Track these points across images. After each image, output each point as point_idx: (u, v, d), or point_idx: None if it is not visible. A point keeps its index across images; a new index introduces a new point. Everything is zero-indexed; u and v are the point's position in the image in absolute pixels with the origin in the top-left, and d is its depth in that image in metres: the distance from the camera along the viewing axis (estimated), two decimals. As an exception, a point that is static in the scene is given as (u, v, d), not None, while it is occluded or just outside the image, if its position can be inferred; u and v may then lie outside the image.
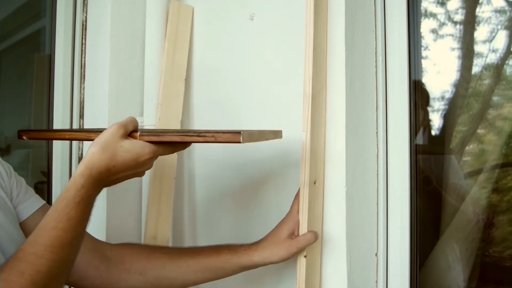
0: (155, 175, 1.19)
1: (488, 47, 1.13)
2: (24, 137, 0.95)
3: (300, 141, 0.96)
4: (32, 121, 1.81)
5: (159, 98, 1.24)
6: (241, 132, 0.71)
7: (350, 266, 0.98)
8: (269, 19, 1.15)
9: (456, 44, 1.19)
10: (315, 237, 0.94)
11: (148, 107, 1.32)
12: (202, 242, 1.28)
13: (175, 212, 1.28)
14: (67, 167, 1.50)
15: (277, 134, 0.91)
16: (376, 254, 1.04)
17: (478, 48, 1.15)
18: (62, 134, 0.97)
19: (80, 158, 1.40)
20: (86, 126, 1.38)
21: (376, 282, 1.04)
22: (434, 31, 1.19)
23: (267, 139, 0.87)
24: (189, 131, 0.82)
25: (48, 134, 1.07)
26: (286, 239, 0.95)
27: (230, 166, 1.22)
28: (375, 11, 1.08)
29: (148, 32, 1.32)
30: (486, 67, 1.14)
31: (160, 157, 1.11)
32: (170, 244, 1.25)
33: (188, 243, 1.30)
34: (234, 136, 0.71)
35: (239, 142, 0.72)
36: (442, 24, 1.19)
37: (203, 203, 1.29)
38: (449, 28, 1.19)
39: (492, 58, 1.13)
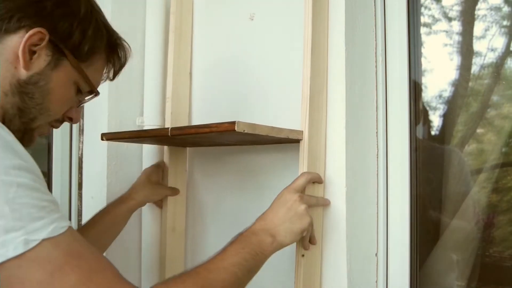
0: (170, 169, 1.23)
1: (487, 46, 1.13)
2: (104, 138, 1.12)
3: (299, 141, 0.96)
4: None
5: (169, 92, 1.24)
6: (236, 122, 0.85)
7: (350, 266, 0.98)
8: (269, 19, 1.15)
9: (455, 44, 1.19)
10: (178, 191, 1.24)
11: (148, 107, 1.32)
12: (209, 237, 1.28)
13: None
14: (67, 167, 1.50)
15: (297, 134, 0.96)
16: (376, 254, 1.05)
17: (477, 47, 1.15)
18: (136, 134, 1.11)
19: (80, 159, 1.40)
20: (86, 126, 1.38)
21: (376, 282, 1.04)
22: (434, 31, 1.19)
23: (288, 137, 0.94)
24: (200, 125, 0.95)
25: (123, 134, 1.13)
26: (156, 184, 1.21)
27: (230, 165, 1.22)
28: (375, 11, 1.08)
29: (148, 32, 1.32)
30: (486, 67, 1.14)
31: (172, 152, 1.24)
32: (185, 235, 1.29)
33: (199, 235, 1.30)
34: (230, 125, 0.85)
35: (234, 130, 0.85)
36: (441, 24, 1.19)
37: (204, 201, 1.29)
38: (449, 28, 1.19)
39: (492, 57, 1.13)
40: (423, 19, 1.14)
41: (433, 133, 1.20)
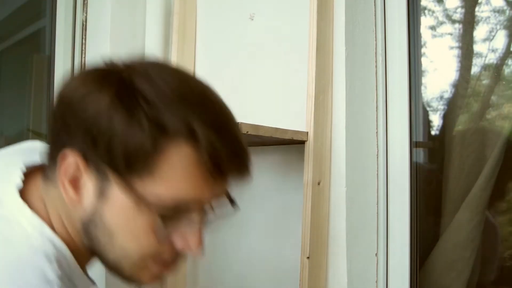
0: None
1: (488, 46, 1.13)
2: None
3: (304, 142, 0.96)
4: (31, 122, 1.81)
5: None
6: (239, 123, 0.80)
7: (350, 266, 0.97)
8: (269, 19, 1.15)
9: (455, 44, 1.20)
10: None
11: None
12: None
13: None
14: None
15: (302, 135, 0.95)
16: (376, 254, 1.04)
17: (477, 47, 1.15)
18: None
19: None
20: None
21: (376, 282, 1.04)
22: (434, 31, 1.19)
23: (292, 138, 0.93)
24: None
25: None
26: None
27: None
28: (375, 11, 1.08)
29: (148, 32, 1.32)
30: (486, 67, 1.14)
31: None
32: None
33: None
34: None
35: None
36: (441, 24, 1.19)
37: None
38: (449, 28, 1.20)
39: (492, 57, 1.13)
40: (423, 19, 1.15)
41: (433, 133, 1.20)
